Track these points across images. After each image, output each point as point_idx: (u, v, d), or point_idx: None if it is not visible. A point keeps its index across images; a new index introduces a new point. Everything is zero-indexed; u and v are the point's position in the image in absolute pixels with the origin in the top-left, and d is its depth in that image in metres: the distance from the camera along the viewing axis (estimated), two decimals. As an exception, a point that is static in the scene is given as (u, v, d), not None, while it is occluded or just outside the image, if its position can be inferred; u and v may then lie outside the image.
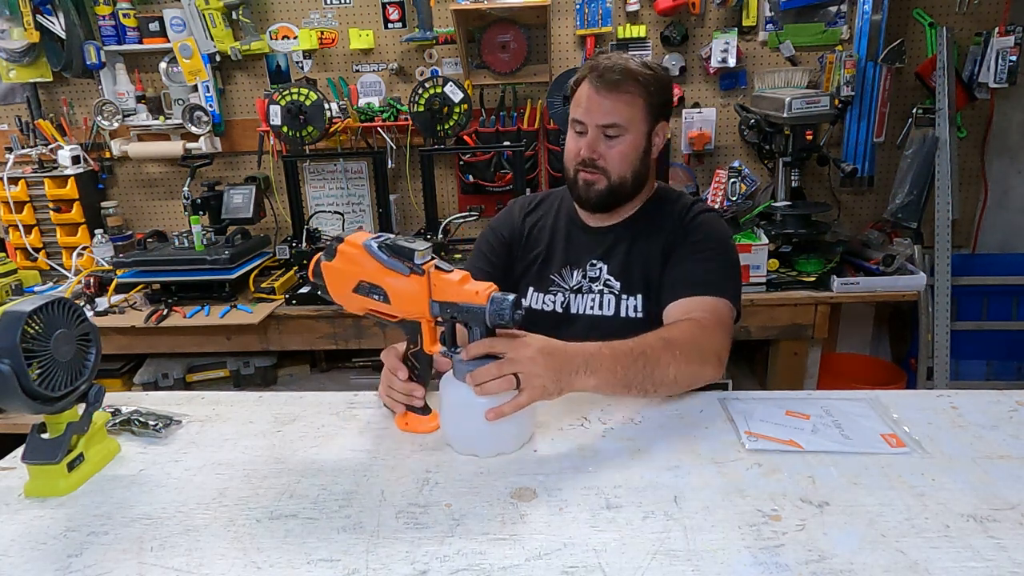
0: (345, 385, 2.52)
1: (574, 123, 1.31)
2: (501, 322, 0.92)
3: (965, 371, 2.51)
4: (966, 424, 1.02)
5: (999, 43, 2.24)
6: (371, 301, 0.99)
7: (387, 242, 0.97)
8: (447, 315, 0.96)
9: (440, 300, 0.95)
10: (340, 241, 1.00)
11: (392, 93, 2.60)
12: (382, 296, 0.98)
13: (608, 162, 1.28)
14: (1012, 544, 0.75)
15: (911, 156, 2.38)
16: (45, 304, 0.90)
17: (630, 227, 1.37)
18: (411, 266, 0.95)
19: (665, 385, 1.08)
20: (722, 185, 2.53)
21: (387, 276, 0.96)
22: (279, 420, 1.13)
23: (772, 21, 2.44)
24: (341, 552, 0.79)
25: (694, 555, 0.75)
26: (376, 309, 1.00)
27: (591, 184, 1.30)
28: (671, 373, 1.07)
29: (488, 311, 0.92)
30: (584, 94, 1.28)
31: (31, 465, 0.93)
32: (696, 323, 1.16)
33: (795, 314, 2.20)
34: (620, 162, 1.29)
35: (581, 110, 1.28)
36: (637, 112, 1.27)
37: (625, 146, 1.28)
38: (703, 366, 1.12)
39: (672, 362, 1.07)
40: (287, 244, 2.41)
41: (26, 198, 2.59)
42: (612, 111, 1.26)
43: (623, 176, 1.30)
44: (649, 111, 1.28)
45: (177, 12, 2.48)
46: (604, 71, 1.26)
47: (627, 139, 1.28)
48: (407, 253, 0.95)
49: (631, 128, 1.27)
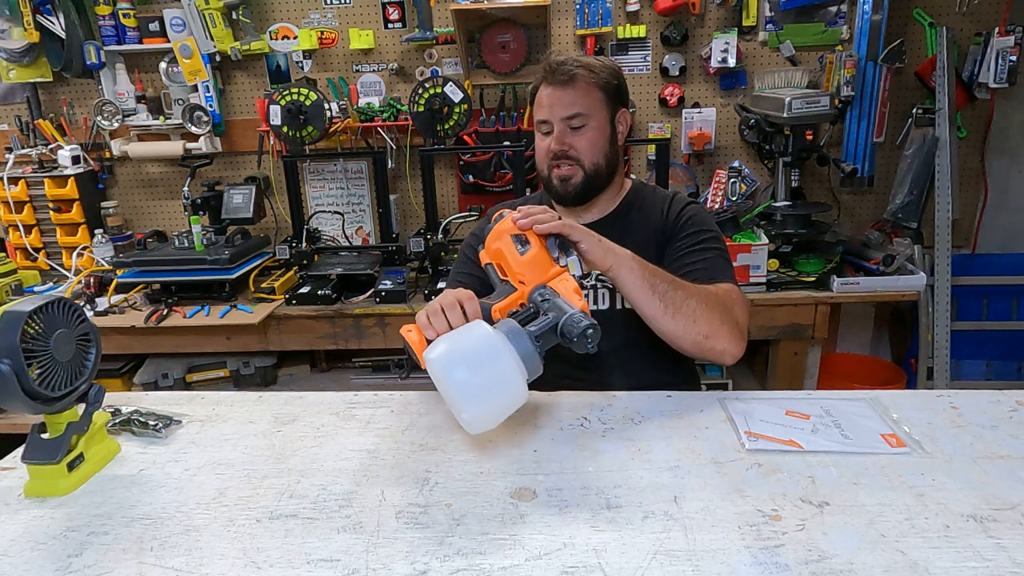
0: (345, 385, 2.52)
1: (539, 125, 1.36)
2: (571, 337, 0.93)
3: (965, 371, 2.51)
4: (966, 424, 1.02)
5: (999, 43, 2.24)
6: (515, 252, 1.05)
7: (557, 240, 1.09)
8: (538, 298, 1.00)
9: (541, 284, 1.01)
10: None
11: (392, 93, 2.60)
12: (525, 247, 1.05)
13: (579, 151, 1.32)
14: (1012, 544, 0.75)
15: (911, 156, 2.38)
16: (45, 304, 0.90)
17: (614, 223, 1.39)
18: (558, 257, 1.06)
19: (683, 313, 1.14)
20: (722, 185, 2.53)
21: None
22: (279, 420, 1.13)
23: (772, 21, 2.44)
24: (341, 552, 0.79)
25: (694, 555, 0.75)
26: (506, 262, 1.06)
27: (567, 178, 1.34)
28: (692, 304, 1.14)
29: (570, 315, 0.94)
30: (544, 95, 1.33)
31: (31, 465, 0.93)
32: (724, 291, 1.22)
33: (795, 314, 2.20)
34: (590, 149, 1.32)
35: (544, 110, 1.33)
36: (595, 99, 1.32)
37: (592, 133, 1.32)
38: (722, 324, 1.17)
39: (695, 296, 1.15)
40: (287, 244, 2.41)
41: (26, 198, 2.59)
42: (572, 102, 1.30)
43: (596, 163, 1.33)
44: (607, 98, 1.33)
45: (177, 12, 2.48)
46: (556, 68, 1.31)
47: (592, 126, 1.32)
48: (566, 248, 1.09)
49: (593, 115, 1.32)
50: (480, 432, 0.96)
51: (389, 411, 1.14)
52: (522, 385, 0.91)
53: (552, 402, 1.14)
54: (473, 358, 0.89)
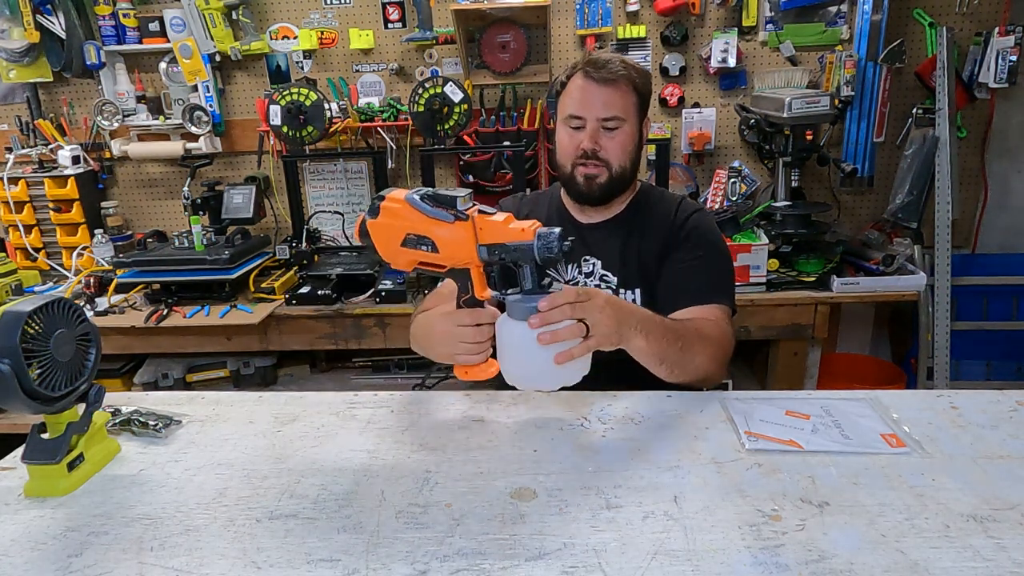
0: (345, 385, 2.52)
1: (570, 119, 1.33)
2: (550, 255, 0.95)
3: (965, 371, 2.51)
4: (966, 424, 1.02)
5: (999, 43, 2.24)
6: (420, 253, 1.01)
7: (428, 193, 0.99)
8: (495, 257, 0.98)
9: (487, 243, 0.97)
10: (382, 199, 1.02)
11: (392, 93, 2.59)
12: (430, 246, 1.00)
13: (610, 153, 1.31)
14: (1012, 544, 0.75)
15: (911, 156, 2.38)
16: (45, 304, 0.90)
17: (622, 224, 1.39)
18: (455, 213, 0.97)
19: (688, 372, 1.16)
20: (722, 185, 2.53)
21: (433, 226, 0.98)
22: (279, 420, 1.13)
23: (772, 21, 2.44)
24: (341, 552, 0.79)
25: (694, 555, 0.75)
26: (425, 260, 1.02)
27: (593, 178, 1.33)
28: (697, 361, 1.16)
29: (536, 246, 0.94)
30: (579, 88, 1.31)
31: (31, 465, 0.93)
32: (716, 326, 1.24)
33: (795, 314, 2.20)
34: (621, 153, 1.32)
35: (576, 104, 1.31)
36: (631, 103, 1.31)
37: (625, 137, 1.32)
38: (720, 368, 1.21)
39: (701, 352, 1.17)
40: (287, 244, 2.41)
41: (26, 198, 2.59)
42: (612, 103, 1.29)
43: (623, 166, 1.33)
44: (640, 103, 1.34)
45: (177, 12, 2.48)
46: (601, 64, 1.29)
47: (626, 130, 1.32)
48: (449, 201, 0.97)
49: (628, 119, 1.31)
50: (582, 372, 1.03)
51: (389, 411, 1.14)
52: None
53: (553, 402, 1.14)
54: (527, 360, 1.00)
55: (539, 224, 0.97)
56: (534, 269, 0.98)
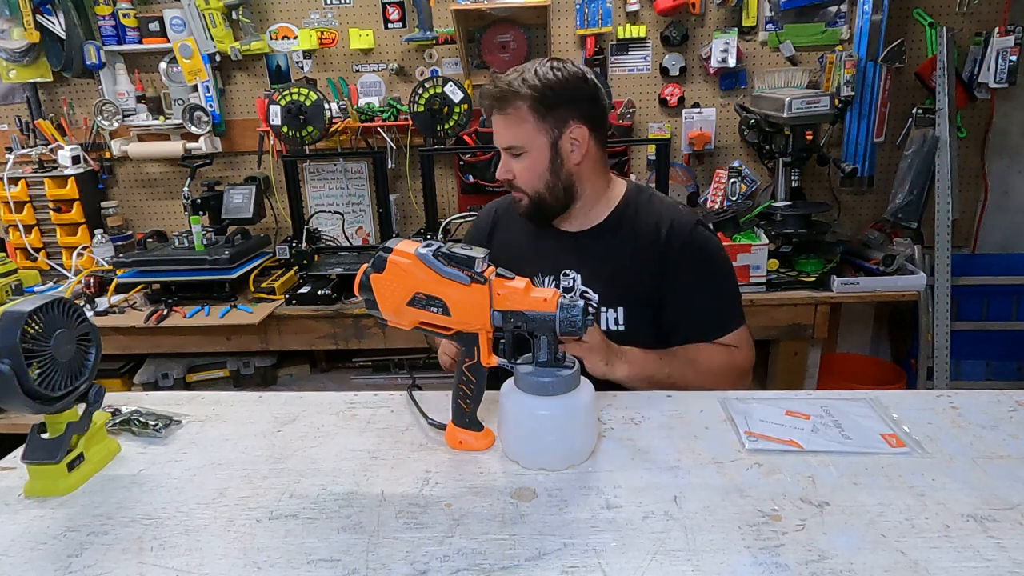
0: (345, 385, 2.52)
1: None
2: (572, 329, 0.89)
3: (965, 371, 2.51)
4: (966, 424, 1.02)
5: (999, 43, 2.24)
6: (428, 314, 0.94)
7: (442, 250, 0.92)
8: (510, 325, 0.92)
9: (504, 309, 0.91)
10: (389, 251, 0.94)
11: (392, 93, 2.59)
12: (441, 308, 0.93)
13: (520, 180, 1.28)
14: (1012, 544, 0.75)
15: (911, 156, 2.38)
16: (45, 304, 0.90)
17: (603, 235, 1.33)
18: (472, 275, 0.91)
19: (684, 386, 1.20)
20: (722, 185, 2.53)
21: (446, 287, 0.92)
22: (279, 420, 1.12)
23: (772, 21, 2.44)
24: (341, 552, 0.79)
25: (694, 555, 0.75)
26: (431, 322, 0.95)
27: (519, 201, 1.31)
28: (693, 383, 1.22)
29: (559, 318, 0.89)
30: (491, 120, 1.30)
31: (31, 465, 0.93)
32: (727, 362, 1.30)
33: (795, 314, 2.20)
34: (529, 179, 1.27)
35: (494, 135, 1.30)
36: (528, 127, 1.23)
37: (527, 161, 1.26)
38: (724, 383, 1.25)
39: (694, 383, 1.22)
40: (287, 244, 2.41)
41: (26, 198, 2.59)
42: (504, 133, 1.26)
43: (537, 191, 1.28)
44: (543, 120, 1.23)
45: (177, 12, 2.48)
46: (487, 95, 1.26)
47: (529, 156, 1.26)
48: (466, 261, 0.91)
49: (528, 143, 1.25)
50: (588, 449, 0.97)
51: (389, 411, 1.14)
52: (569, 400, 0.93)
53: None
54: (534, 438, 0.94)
55: (559, 293, 0.92)
56: (552, 340, 0.92)
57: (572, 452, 0.94)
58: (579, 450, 0.95)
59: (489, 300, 0.91)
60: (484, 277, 0.91)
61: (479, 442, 1.00)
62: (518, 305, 0.91)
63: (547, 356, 0.93)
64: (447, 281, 0.92)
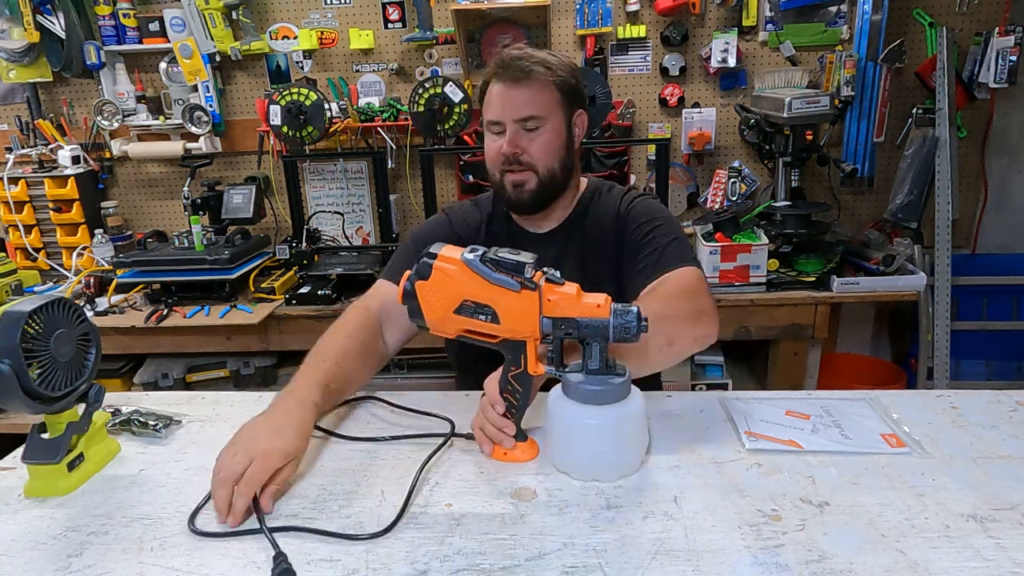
0: (345, 385, 2.51)
1: (491, 125, 1.24)
2: (626, 336, 0.86)
3: (965, 371, 2.51)
4: (966, 424, 1.02)
5: (999, 43, 2.24)
6: (475, 322, 0.91)
7: (489, 256, 0.89)
8: (560, 332, 0.89)
9: (554, 316, 0.88)
10: (433, 257, 0.91)
11: (392, 93, 2.59)
12: (490, 316, 0.90)
13: (533, 156, 1.22)
14: (1012, 544, 0.75)
15: (911, 156, 2.38)
16: (45, 304, 0.90)
17: (574, 228, 1.32)
18: (521, 280, 0.87)
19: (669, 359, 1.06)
20: (722, 185, 2.53)
21: (496, 294, 0.89)
22: (279, 420, 1.12)
23: (772, 21, 2.44)
24: (341, 552, 0.79)
25: (694, 555, 0.75)
26: (477, 330, 0.92)
27: (521, 184, 1.24)
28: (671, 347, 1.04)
29: (612, 324, 0.86)
30: (496, 92, 1.22)
31: (31, 465, 0.93)
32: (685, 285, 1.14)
33: (795, 314, 2.20)
34: (545, 154, 1.22)
35: (495, 109, 1.22)
36: (551, 99, 1.21)
37: (547, 135, 1.22)
38: (694, 325, 1.08)
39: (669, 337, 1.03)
40: (287, 244, 2.40)
41: (26, 198, 2.59)
42: (527, 102, 1.20)
43: (551, 168, 1.23)
44: (563, 98, 1.23)
45: (177, 12, 2.48)
46: (509, 63, 1.20)
47: (548, 128, 1.22)
48: (515, 267, 0.88)
49: (550, 117, 1.22)
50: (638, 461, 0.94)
51: (389, 411, 1.14)
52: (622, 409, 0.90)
53: (552, 402, 1.14)
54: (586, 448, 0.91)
55: (610, 299, 0.88)
56: (604, 347, 0.88)
57: (625, 462, 0.92)
58: (631, 460, 0.93)
59: (539, 306, 0.88)
60: (535, 283, 0.88)
61: (525, 453, 0.97)
62: (570, 311, 0.88)
63: (599, 364, 0.89)
64: (496, 288, 0.89)
